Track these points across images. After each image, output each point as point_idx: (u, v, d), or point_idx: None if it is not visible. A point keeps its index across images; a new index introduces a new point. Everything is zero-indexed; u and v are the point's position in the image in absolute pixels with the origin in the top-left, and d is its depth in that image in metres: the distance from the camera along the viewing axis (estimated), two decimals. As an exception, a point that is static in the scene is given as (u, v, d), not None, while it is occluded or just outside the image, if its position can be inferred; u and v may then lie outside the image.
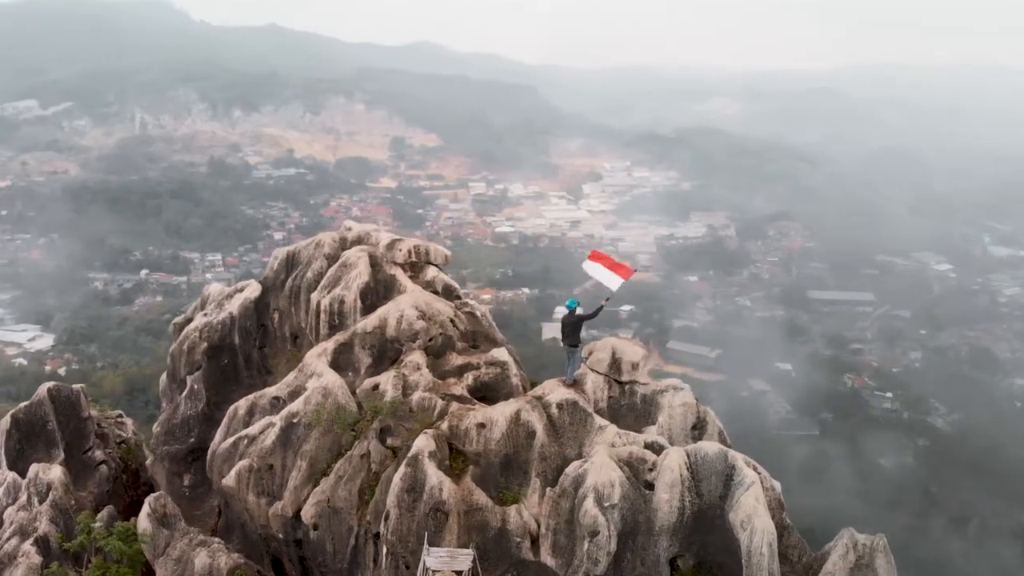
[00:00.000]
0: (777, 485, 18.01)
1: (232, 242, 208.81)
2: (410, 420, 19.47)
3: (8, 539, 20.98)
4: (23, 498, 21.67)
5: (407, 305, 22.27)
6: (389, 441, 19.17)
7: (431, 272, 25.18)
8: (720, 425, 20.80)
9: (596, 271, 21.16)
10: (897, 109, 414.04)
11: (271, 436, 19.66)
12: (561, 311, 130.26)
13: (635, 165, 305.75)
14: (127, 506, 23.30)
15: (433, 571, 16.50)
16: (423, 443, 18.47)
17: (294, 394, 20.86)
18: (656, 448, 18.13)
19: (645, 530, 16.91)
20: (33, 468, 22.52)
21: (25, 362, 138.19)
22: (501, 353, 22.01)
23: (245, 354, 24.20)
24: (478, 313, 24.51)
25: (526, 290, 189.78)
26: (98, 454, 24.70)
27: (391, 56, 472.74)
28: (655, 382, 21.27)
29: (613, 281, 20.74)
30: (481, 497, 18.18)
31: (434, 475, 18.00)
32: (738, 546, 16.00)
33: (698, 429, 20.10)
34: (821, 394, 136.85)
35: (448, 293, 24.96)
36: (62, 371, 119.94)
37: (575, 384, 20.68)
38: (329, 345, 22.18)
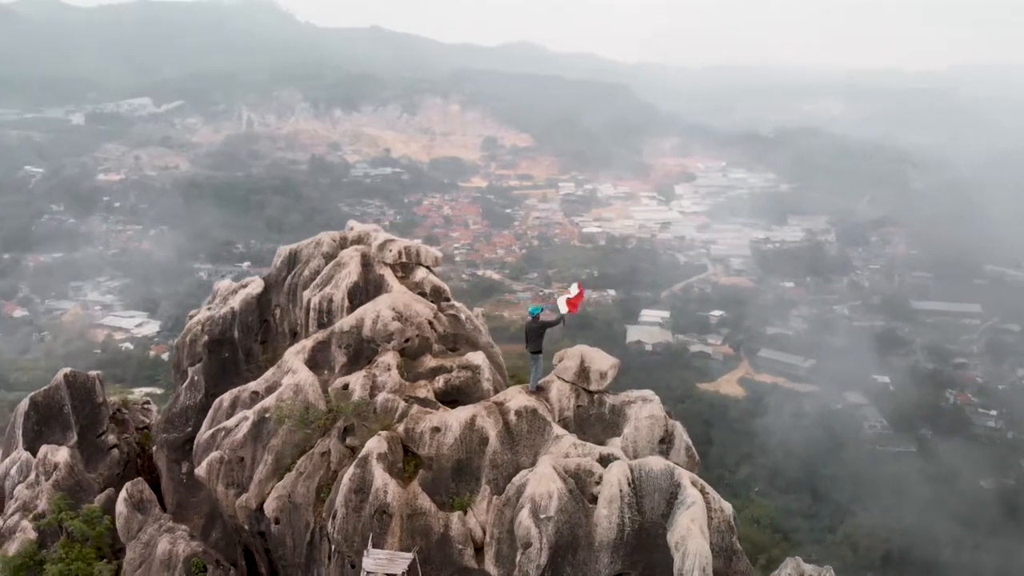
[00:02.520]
0: (727, 507, 16.94)
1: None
2: (372, 421, 19.38)
3: (12, 514, 22.18)
4: (31, 476, 22.91)
5: (384, 306, 22.21)
6: (348, 440, 19.15)
7: (420, 273, 25.09)
8: (688, 440, 19.70)
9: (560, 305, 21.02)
10: (1012, 111, 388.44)
11: (244, 429, 19.96)
12: (648, 314, 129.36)
13: (731, 166, 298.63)
14: None
15: (368, 572, 16.42)
16: (374, 445, 18.36)
17: (270, 389, 21.12)
18: (611, 461, 17.28)
19: (585, 545, 16.27)
20: (43, 449, 23.71)
21: (132, 347, 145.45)
22: (476, 357, 21.62)
23: (245, 348, 24.75)
24: (462, 316, 24.12)
25: (611, 292, 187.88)
26: (111, 438, 25.78)
27: (488, 57, 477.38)
28: (625, 393, 20.54)
29: (563, 306, 20.76)
30: (425, 502, 17.93)
31: (380, 477, 17.85)
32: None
33: (666, 443, 19.22)
34: (920, 409, 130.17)
35: (437, 295, 24.75)
36: (165, 356, 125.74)
37: (539, 391, 20.26)
38: (308, 343, 22.37)
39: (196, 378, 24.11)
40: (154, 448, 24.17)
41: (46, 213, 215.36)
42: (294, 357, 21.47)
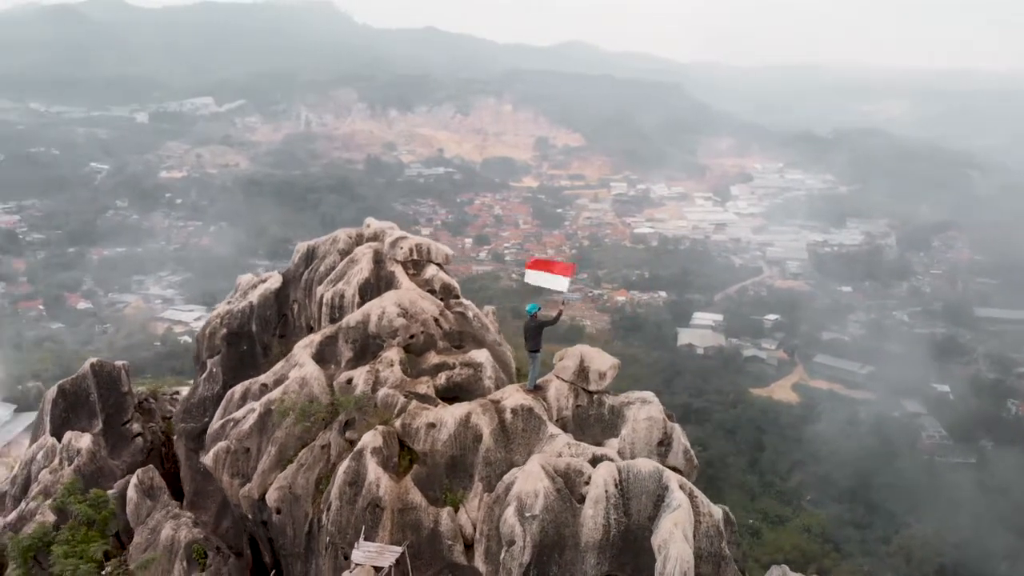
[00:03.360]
0: (716, 512, 16.55)
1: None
2: (372, 415, 19.54)
3: (33, 498, 22.97)
4: (55, 462, 23.72)
5: (389, 302, 22.35)
6: (348, 434, 19.29)
7: (430, 271, 25.15)
8: (687, 444, 19.37)
9: (539, 278, 20.59)
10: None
11: (250, 421, 20.30)
12: (700, 316, 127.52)
13: (788, 167, 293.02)
14: (160, 477, 24.93)
15: (356, 564, 16.52)
16: (369, 439, 18.47)
17: (278, 382, 21.46)
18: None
19: (572, 545, 16.09)
20: (67, 435, 24.55)
21: (190, 340, 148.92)
22: (479, 355, 21.60)
23: (263, 342, 25.18)
24: (469, 314, 24.17)
25: (663, 293, 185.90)
26: (135, 427, 26.41)
27: (542, 57, 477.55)
28: (625, 394, 20.23)
29: (559, 283, 20.23)
30: (416, 496, 17.96)
31: (373, 471, 17.95)
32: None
33: (664, 445, 18.92)
34: (980, 420, 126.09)
35: (447, 292, 24.79)
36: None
37: (537, 390, 20.05)
38: (316, 337, 22.65)
39: (214, 370, 24.66)
40: (175, 438, 24.76)
41: (110, 209, 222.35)
42: (302, 351, 21.82)
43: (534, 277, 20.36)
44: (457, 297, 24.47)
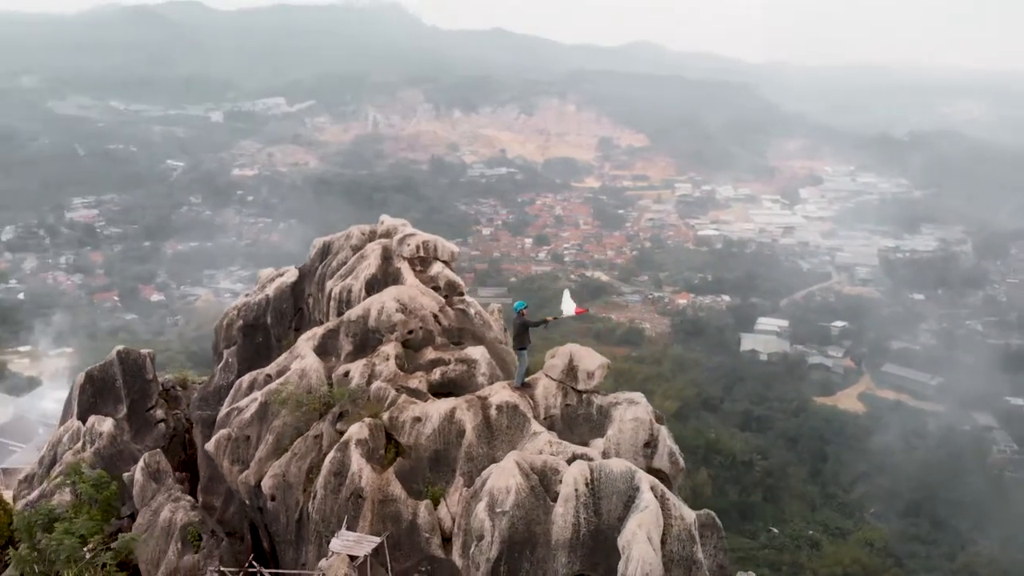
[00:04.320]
0: (689, 516, 16.20)
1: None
2: (364, 407, 19.77)
3: (56, 477, 23.97)
4: (79, 444, 24.62)
5: (389, 298, 22.59)
6: (339, 425, 19.53)
7: (436, 267, 25.33)
8: (672, 447, 18.94)
9: (568, 304, 21.05)
10: None
11: (251, 409, 20.80)
12: (765, 322, 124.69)
13: (861, 169, 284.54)
14: (180, 462, 25.80)
15: (333, 552, 16.68)
16: (355, 430, 18.65)
17: (281, 372, 21.92)
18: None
19: (544, 543, 15.96)
20: (91, 419, 25.59)
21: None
22: (475, 352, 21.68)
23: (277, 334, 25.76)
24: (471, 311, 24.28)
25: (726, 297, 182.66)
26: (159, 413, 27.38)
27: (608, 57, 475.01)
28: (615, 394, 20.06)
29: (570, 307, 20.75)
30: (397, 488, 18.05)
31: (356, 462, 18.10)
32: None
33: (651, 447, 18.61)
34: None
35: (451, 289, 24.93)
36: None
37: (525, 388, 20.00)
38: (319, 331, 23.04)
39: (230, 360, 25.34)
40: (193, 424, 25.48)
41: (184, 205, 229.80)
42: (304, 343, 22.32)
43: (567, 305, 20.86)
44: (461, 294, 24.64)
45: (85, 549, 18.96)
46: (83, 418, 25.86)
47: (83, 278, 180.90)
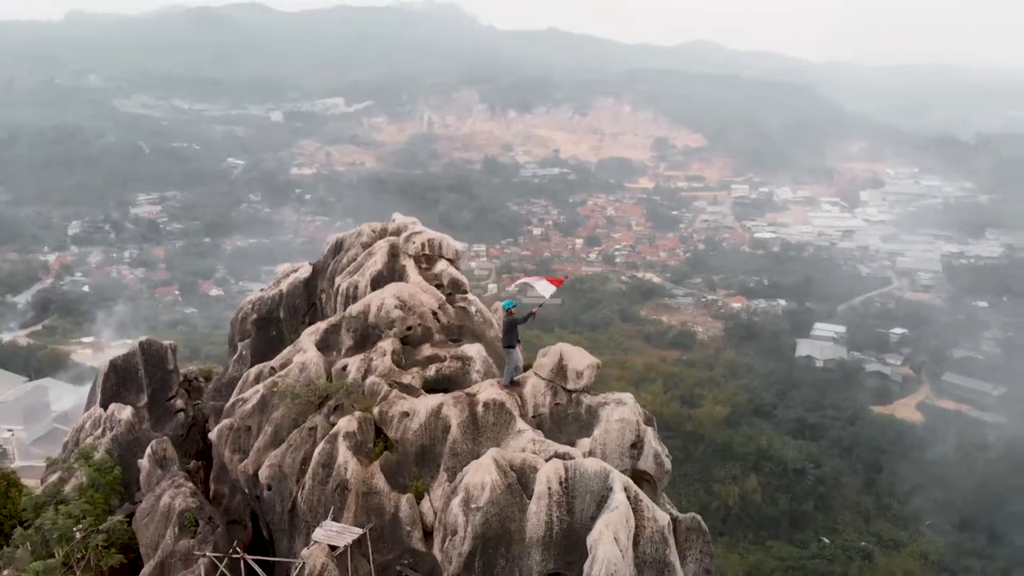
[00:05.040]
0: (662, 518, 16.00)
1: (496, 235, 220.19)
2: (358, 402, 20.02)
3: (74, 462, 24.67)
4: (99, 430, 25.38)
5: (389, 294, 22.84)
6: (332, 418, 19.80)
7: (440, 265, 25.52)
8: (658, 448, 18.69)
9: (537, 282, 21.27)
10: None
11: (253, 401, 21.27)
12: (821, 327, 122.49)
13: (924, 172, 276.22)
14: (198, 451, 26.45)
15: (315, 541, 16.85)
16: (344, 424, 18.89)
17: (283, 365, 22.39)
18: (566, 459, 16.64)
19: (519, 540, 15.92)
20: (111, 407, 26.37)
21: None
22: (470, 349, 21.79)
23: (290, 328, 26.25)
24: (472, 309, 24.41)
25: (782, 301, 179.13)
26: (179, 403, 27.96)
27: (665, 57, 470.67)
28: (604, 394, 19.89)
29: (547, 288, 20.73)
30: (380, 482, 18.19)
31: (343, 454, 18.31)
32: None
33: (637, 448, 18.41)
34: None
35: (455, 286, 25.11)
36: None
37: (514, 386, 20.03)
38: (322, 325, 23.43)
39: (244, 352, 25.96)
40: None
41: (244, 202, 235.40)
42: (307, 338, 22.79)
43: (537, 283, 20.98)
44: (465, 292, 24.77)
45: (75, 529, 19.64)
46: (106, 406, 26.75)
47: (145, 272, 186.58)
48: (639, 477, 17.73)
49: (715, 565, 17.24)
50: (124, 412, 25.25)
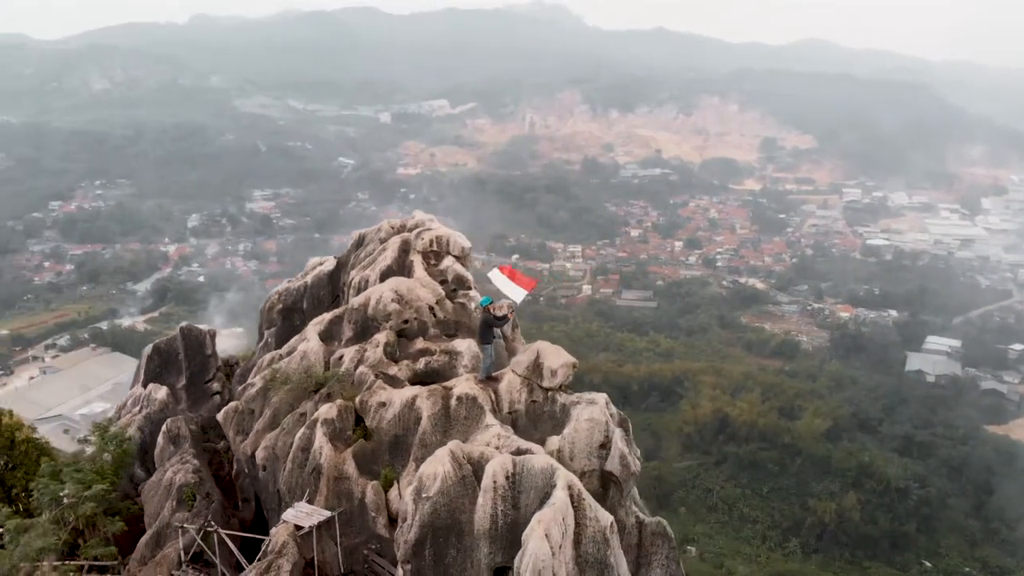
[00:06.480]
0: (605, 518, 15.77)
1: (593, 236, 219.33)
2: (347, 390, 20.55)
3: (92, 432, 25.96)
4: (137, 408, 26.80)
5: (387, 288, 23.37)
6: (319, 405, 20.26)
7: (447, 261, 25.88)
8: (624, 450, 18.27)
9: (500, 281, 20.94)
10: None
11: (258, 385, 22.10)
12: (934, 341, 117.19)
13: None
14: None
15: (282, 521, 17.21)
16: (324, 411, 19.50)
17: (289, 353, 23.24)
18: (529, 455, 16.48)
19: (469, 531, 16.09)
20: (150, 386, 27.98)
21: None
22: (461, 344, 22.12)
23: (312, 318, 26.73)
24: (471, 306, 24.65)
25: (893, 312, 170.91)
26: (215, 385, 29.49)
27: (774, 56, 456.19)
28: (579, 394, 19.81)
29: (516, 292, 20.67)
30: (351, 468, 18.58)
31: (319, 440, 18.86)
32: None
33: (606, 448, 18.19)
34: None
35: (460, 283, 25.45)
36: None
37: (491, 381, 20.17)
38: (327, 316, 24.29)
39: (269, 340, 27.18)
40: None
41: (352, 200, 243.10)
42: (312, 328, 23.73)
43: (497, 278, 20.93)
44: (468, 289, 24.99)
45: (62, 495, 20.98)
46: (148, 385, 28.42)
47: (257, 264, 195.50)
48: (607, 478, 17.62)
49: (684, 571, 16.85)
50: (160, 392, 26.88)
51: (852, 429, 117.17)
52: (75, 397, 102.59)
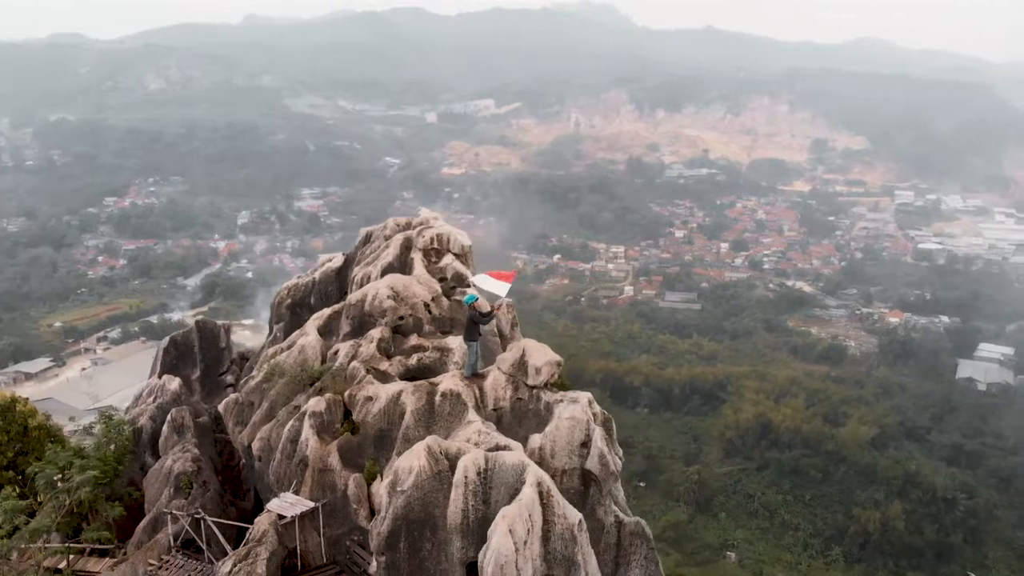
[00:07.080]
0: (573, 516, 15.81)
1: (636, 236, 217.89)
2: (338, 384, 20.86)
3: (98, 420, 26.67)
4: (151, 398, 27.43)
5: (383, 285, 23.71)
6: (311, 398, 20.49)
7: (447, 259, 26.17)
8: (604, 449, 18.18)
9: (488, 283, 21.39)
10: None
11: (258, 378, 22.54)
12: (987, 348, 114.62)
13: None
14: None
15: (267, 509, 17.60)
16: (312, 404, 19.80)
17: (289, 347, 23.62)
18: (507, 451, 16.77)
19: (443, 526, 16.29)
20: (164, 378, 28.59)
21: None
22: (452, 341, 22.40)
23: None
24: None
25: (944, 318, 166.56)
26: (228, 378, 30.21)
27: (827, 55, 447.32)
28: (563, 392, 19.86)
29: (502, 288, 21.07)
30: (335, 460, 18.80)
31: (307, 432, 19.18)
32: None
33: (587, 447, 18.18)
34: None
35: (459, 280, 25.64)
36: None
37: (476, 378, 20.37)
38: (327, 311, 24.67)
39: (278, 335, 27.66)
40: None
41: (398, 199, 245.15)
42: (312, 322, 24.18)
43: (481, 280, 21.34)
44: (467, 287, 25.17)
45: (56, 478, 21.68)
46: (163, 376, 29.19)
47: (305, 262, 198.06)
48: (588, 476, 17.64)
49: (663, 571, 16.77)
50: (173, 383, 27.61)
51: (899, 437, 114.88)
52: (125, 388, 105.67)
